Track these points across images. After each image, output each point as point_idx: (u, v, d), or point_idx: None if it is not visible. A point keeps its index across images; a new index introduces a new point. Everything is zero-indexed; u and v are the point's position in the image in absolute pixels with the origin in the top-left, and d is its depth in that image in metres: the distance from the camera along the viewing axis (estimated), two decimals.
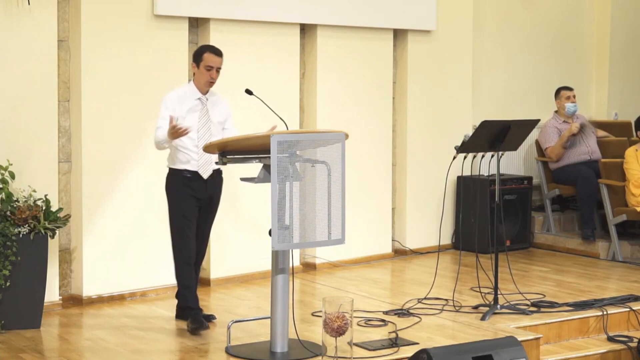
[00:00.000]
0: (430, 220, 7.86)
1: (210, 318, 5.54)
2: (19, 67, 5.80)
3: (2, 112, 5.75)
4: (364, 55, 7.51)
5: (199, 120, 5.36)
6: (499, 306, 5.78)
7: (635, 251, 7.84)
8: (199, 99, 5.40)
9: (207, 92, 5.43)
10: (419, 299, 6.09)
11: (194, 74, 5.45)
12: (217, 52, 5.42)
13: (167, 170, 6.26)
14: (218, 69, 5.40)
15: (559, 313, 5.82)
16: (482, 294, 6.07)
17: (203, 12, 6.52)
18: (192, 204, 5.39)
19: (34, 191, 5.64)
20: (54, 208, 5.66)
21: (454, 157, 5.87)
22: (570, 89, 8.36)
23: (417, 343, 5.09)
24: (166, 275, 6.39)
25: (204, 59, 5.37)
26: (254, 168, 5.15)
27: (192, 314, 5.41)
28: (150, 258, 6.34)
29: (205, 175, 5.36)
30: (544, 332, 5.55)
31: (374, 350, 4.95)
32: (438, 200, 7.82)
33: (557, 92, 8.39)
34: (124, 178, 6.24)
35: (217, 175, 5.46)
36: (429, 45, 7.95)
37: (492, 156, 6.05)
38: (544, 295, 6.28)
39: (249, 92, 5.36)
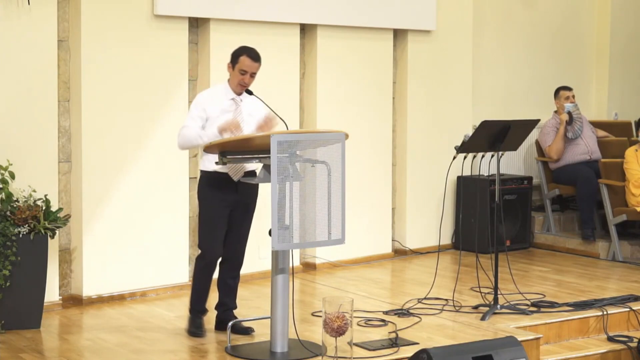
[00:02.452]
0: (430, 220, 7.86)
1: (249, 331, 5.31)
2: (19, 67, 5.80)
3: (2, 112, 5.75)
4: (364, 55, 7.51)
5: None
6: (499, 306, 5.78)
7: (635, 251, 7.84)
8: (232, 99, 5.23)
9: (241, 93, 5.27)
10: (419, 299, 6.09)
11: (230, 73, 5.27)
12: (255, 57, 5.20)
13: (167, 171, 6.28)
14: (253, 74, 5.20)
15: (559, 313, 5.82)
16: (482, 294, 6.07)
17: (203, 12, 6.52)
18: (221, 208, 5.18)
19: (34, 191, 5.63)
20: (54, 208, 5.66)
21: (454, 157, 5.87)
22: (569, 89, 8.36)
23: (417, 343, 5.09)
24: (166, 275, 6.40)
25: (240, 62, 5.17)
26: (253, 168, 5.16)
27: (193, 315, 5.39)
28: (150, 258, 6.34)
29: (236, 177, 5.16)
30: (544, 332, 5.55)
31: (374, 350, 4.95)
32: (438, 200, 7.83)
33: (557, 92, 8.39)
34: (124, 178, 6.24)
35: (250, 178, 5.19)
36: (429, 45, 7.95)
37: (492, 156, 6.05)
38: (544, 295, 6.28)
39: (249, 92, 5.34)
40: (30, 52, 5.82)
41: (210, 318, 5.51)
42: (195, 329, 5.33)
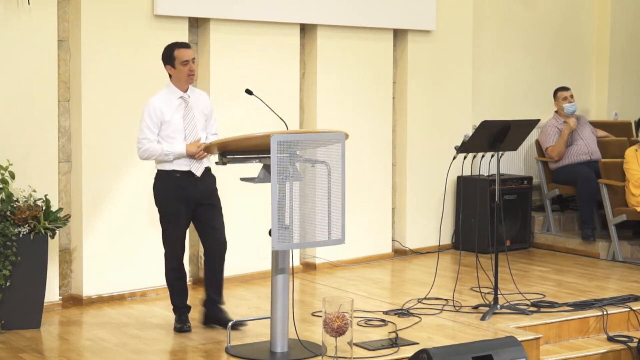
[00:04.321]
0: (430, 220, 7.86)
1: (241, 324, 5.37)
2: (19, 67, 5.80)
3: (2, 112, 5.75)
4: (364, 55, 7.51)
5: (184, 118, 5.30)
6: (499, 306, 5.78)
7: (635, 251, 7.84)
8: (181, 97, 5.33)
9: (187, 89, 5.37)
10: (419, 299, 6.09)
11: (170, 75, 5.36)
12: (186, 45, 5.40)
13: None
14: (193, 60, 5.35)
15: (559, 313, 5.82)
16: (482, 294, 6.07)
17: (203, 12, 6.52)
18: (182, 206, 5.27)
19: (34, 191, 5.64)
20: (54, 208, 5.66)
21: (454, 157, 5.87)
22: (566, 89, 8.35)
23: (417, 343, 5.09)
24: None
25: (177, 56, 5.29)
26: (254, 168, 5.16)
27: (177, 313, 5.47)
28: (151, 258, 6.33)
29: (199, 172, 5.26)
30: (544, 332, 5.55)
31: (374, 350, 4.95)
32: (438, 200, 7.83)
33: (555, 94, 8.40)
34: (124, 178, 6.24)
35: (207, 173, 5.35)
36: (429, 45, 7.95)
37: (492, 156, 6.05)
38: (544, 295, 6.28)
39: (249, 92, 5.35)
40: (30, 52, 5.82)
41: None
42: (180, 324, 5.41)
